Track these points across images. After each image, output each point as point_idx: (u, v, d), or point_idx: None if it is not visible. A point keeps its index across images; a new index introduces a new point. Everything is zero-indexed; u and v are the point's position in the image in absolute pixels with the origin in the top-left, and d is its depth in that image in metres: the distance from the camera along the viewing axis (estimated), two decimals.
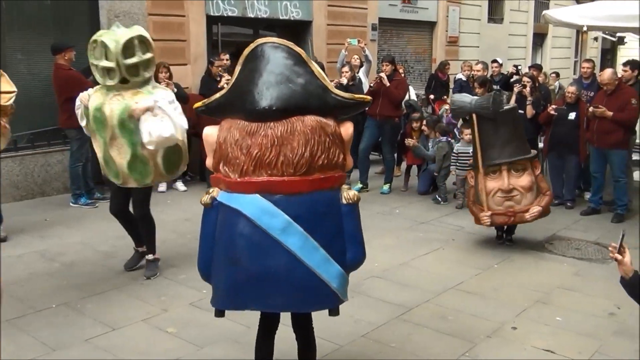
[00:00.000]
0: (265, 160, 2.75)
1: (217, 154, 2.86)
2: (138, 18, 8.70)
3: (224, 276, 2.86)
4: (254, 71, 2.84)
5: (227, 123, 2.87)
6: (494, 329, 4.29)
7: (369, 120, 8.43)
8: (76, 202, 7.43)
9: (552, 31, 19.20)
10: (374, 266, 5.45)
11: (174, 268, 5.35)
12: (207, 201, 2.90)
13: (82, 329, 4.18)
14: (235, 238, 2.80)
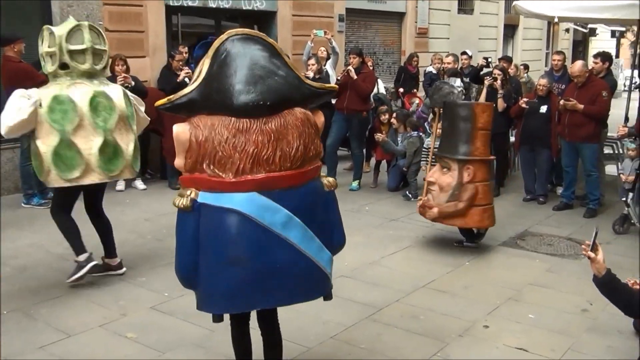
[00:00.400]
0: (263, 156, 2.77)
1: (196, 154, 2.80)
2: (92, 7, 8.58)
3: (222, 279, 2.83)
4: (230, 65, 2.81)
5: (205, 120, 2.79)
6: (465, 327, 4.35)
7: (337, 114, 8.45)
8: (28, 203, 7.30)
9: (523, 22, 19.50)
10: (343, 265, 5.46)
11: (133, 270, 5.30)
12: (187, 204, 2.83)
13: (36, 335, 4.11)
14: (236, 238, 2.80)
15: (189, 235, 2.89)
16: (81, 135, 4.59)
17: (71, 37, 4.61)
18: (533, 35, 20.72)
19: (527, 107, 7.68)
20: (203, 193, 2.85)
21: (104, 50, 4.82)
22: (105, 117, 4.67)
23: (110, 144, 4.70)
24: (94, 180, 4.72)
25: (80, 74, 4.68)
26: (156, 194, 8.06)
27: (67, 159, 4.57)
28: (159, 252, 5.79)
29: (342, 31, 12.78)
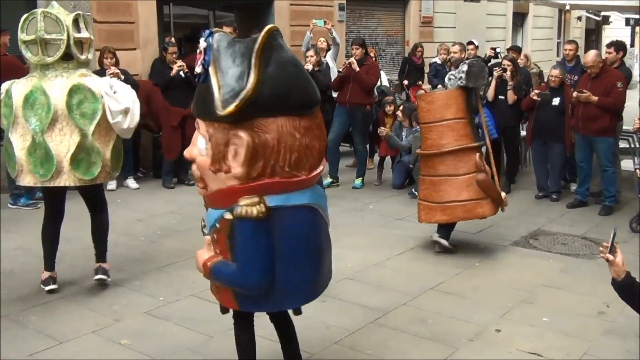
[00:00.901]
0: (322, 150, 3.04)
1: (266, 159, 2.83)
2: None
3: (305, 273, 3.06)
4: (284, 64, 2.86)
5: (269, 123, 2.81)
6: (476, 332, 4.35)
7: (339, 108, 8.46)
8: (15, 203, 7.31)
9: (533, 10, 19.50)
10: (346, 267, 5.48)
11: (127, 273, 5.31)
12: (264, 210, 2.85)
13: (25, 343, 4.11)
14: (313, 231, 3.07)
15: (267, 243, 2.91)
16: (55, 133, 4.52)
17: (26, 27, 4.51)
18: (543, 24, 20.71)
19: (538, 100, 7.68)
20: (270, 197, 2.88)
21: (59, 39, 4.55)
22: (40, 117, 4.48)
23: (41, 146, 4.51)
24: (68, 182, 4.63)
25: (34, 67, 4.58)
26: (149, 194, 8.06)
27: (38, 159, 4.54)
28: (153, 254, 5.80)
29: (343, 21, 12.78)
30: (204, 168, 2.93)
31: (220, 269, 3.00)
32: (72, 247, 5.94)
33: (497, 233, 6.55)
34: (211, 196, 3.01)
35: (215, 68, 2.83)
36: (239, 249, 2.91)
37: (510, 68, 8.05)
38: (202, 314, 4.53)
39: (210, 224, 3.04)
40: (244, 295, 3.05)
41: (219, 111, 2.76)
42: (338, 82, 8.37)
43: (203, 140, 2.92)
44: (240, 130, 2.79)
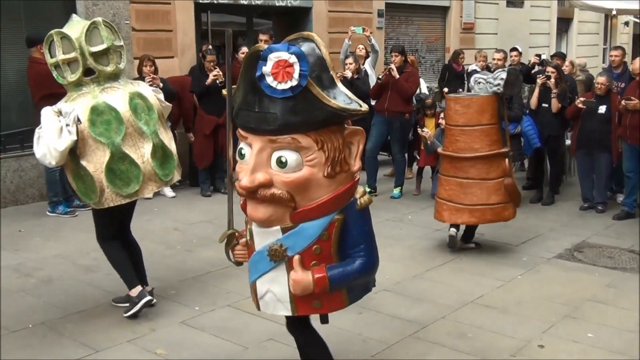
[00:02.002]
0: None
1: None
2: (119, 6, 8.74)
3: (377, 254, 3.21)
4: None
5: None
6: (518, 347, 4.29)
7: (377, 116, 8.45)
8: (53, 211, 7.46)
9: (578, 15, 19.23)
10: (384, 279, 5.45)
11: (163, 283, 5.36)
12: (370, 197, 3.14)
13: (62, 350, 4.18)
14: None
15: None
16: (129, 144, 4.42)
17: (90, 38, 4.40)
18: (589, 30, 20.40)
19: (584, 108, 7.56)
20: None
21: (121, 46, 4.63)
22: (146, 119, 4.52)
23: (158, 147, 4.56)
24: (152, 190, 4.59)
25: (107, 77, 4.50)
26: (186, 202, 8.15)
27: (122, 173, 4.38)
28: (188, 263, 5.85)
29: (382, 27, 12.78)
30: (309, 181, 2.90)
31: (341, 272, 3.01)
32: None
33: (540, 245, 6.45)
34: (318, 207, 2.95)
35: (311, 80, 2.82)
36: (364, 237, 3.07)
37: (554, 75, 7.93)
38: (238, 325, 4.55)
39: (310, 238, 2.97)
40: (355, 287, 3.18)
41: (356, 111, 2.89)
42: (377, 90, 8.36)
43: (294, 154, 2.86)
44: (354, 127, 3.01)
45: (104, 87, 4.48)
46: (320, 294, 3.02)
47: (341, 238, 3.00)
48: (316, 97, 2.79)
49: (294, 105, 2.82)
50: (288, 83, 2.78)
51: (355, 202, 3.03)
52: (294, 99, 2.80)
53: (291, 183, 2.88)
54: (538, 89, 8.04)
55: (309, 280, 2.95)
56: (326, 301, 3.09)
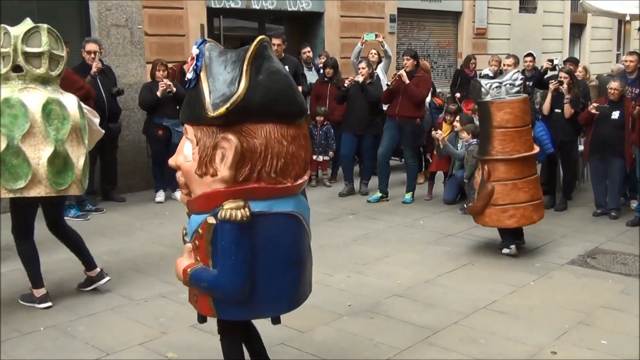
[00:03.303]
0: (308, 159, 3.14)
1: (253, 163, 2.92)
2: (132, 11, 8.79)
3: (286, 282, 3.11)
4: (274, 72, 2.97)
5: (257, 128, 2.92)
6: (531, 353, 4.26)
7: (388, 121, 8.43)
8: (66, 214, 7.45)
9: (592, 21, 19.14)
10: (395, 284, 5.45)
11: (174, 287, 5.35)
12: (248, 214, 2.89)
13: (73, 353, 4.19)
14: (296, 240, 3.13)
15: (248, 248, 2.95)
16: (30, 143, 4.53)
17: (28, 39, 4.60)
18: (602, 35, 20.31)
19: (597, 113, 7.52)
20: (254, 202, 2.94)
21: (61, 56, 4.78)
22: (57, 127, 4.62)
23: (60, 155, 4.63)
24: (39, 193, 4.62)
25: (34, 79, 4.64)
26: None
27: (12, 168, 4.50)
28: None
29: (394, 32, 12.78)
30: (189, 173, 3.02)
31: (199, 275, 3.04)
32: (119, 259, 6.06)
33: (553, 251, 6.41)
34: (195, 201, 3.07)
35: (206, 74, 2.94)
36: (220, 253, 2.96)
37: (567, 81, 7.89)
38: None
39: (192, 230, 3.09)
40: (223, 302, 3.09)
41: (210, 113, 2.86)
42: (387, 95, 8.35)
43: (189, 146, 3.02)
44: (230, 133, 2.89)
45: (27, 86, 4.63)
46: (197, 291, 3.14)
47: (214, 244, 2.97)
48: (201, 92, 2.90)
49: (190, 97, 3.01)
50: (189, 75, 2.99)
51: (219, 211, 2.91)
52: (192, 91, 2.97)
53: (182, 171, 3.09)
54: (550, 95, 8.01)
55: (180, 267, 3.11)
56: (200, 300, 3.17)
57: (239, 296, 3.02)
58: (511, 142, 5.93)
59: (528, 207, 6.02)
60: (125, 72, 8.76)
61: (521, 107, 5.99)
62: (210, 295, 3.08)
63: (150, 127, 8.23)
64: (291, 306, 3.23)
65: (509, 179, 5.97)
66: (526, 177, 6.03)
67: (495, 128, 5.94)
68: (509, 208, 5.97)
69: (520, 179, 5.99)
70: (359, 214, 7.86)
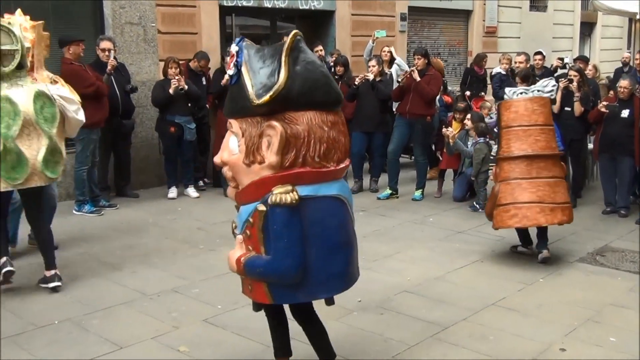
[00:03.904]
0: (347, 146, 3.21)
1: (297, 149, 3.02)
2: (145, 9, 8.81)
3: (336, 263, 3.18)
4: (311, 63, 3.08)
5: (299, 116, 3.02)
6: (540, 350, 4.24)
7: (399, 119, 8.42)
8: (80, 210, 7.52)
9: (602, 20, 19.03)
10: (405, 280, 5.44)
11: (186, 281, 5.39)
12: (297, 197, 2.99)
13: (87, 347, 4.21)
14: (343, 222, 3.20)
15: (299, 230, 3.03)
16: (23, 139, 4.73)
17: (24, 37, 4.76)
18: (612, 34, 20.18)
19: (606, 112, 7.48)
20: (301, 187, 3.03)
21: (15, 50, 4.79)
22: (8, 124, 4.68)
23: (12, 152, 4.72)
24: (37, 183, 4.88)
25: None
26: (209, 202, 8.18)
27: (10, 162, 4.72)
28: (212, 262, 5.87)
29: (404, 31, 12.75)
30: (237, 164, 3.12)
31: (254, 262, 3.11)
32: (132, 254, 6.08)
33: (562, 249, 6.39)
34: (244, 191, 3.15)
35: (247, 69, 3.05)
36: (273, 237, 3.03)
37: (577, 79, 7.85)
38: (259, 324, 4.52)
39: (243, 220, 3.16)
40: (278, 287, 3.15)
41: (255, 101, 2.96)
42: (398, 92, 8.32)
43: (234, 140, 3.12)
44: (274, 120, 2.98)
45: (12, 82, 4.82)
46: (252, 280, 3.21)
47: (266, 230, 3.05)
48: (244, 85, 3.00)
49: (233, 92, 3.13)
50: (230, 72, 3.10)
51: (269, 197, 3.00)
52: (235, 86, 3.09)
53: (229, 165, 3.18)
54: (560, 93, 7.96)
55: (233, 259, 3.19)
56: (255, 288, 3.23)
57: (293, 277, 3.09)
58: (516, 140, 5.80)
59: (533, 208, 5.70)
60: (139, 69, 8.79)
61: (527, 105, 5.84)
62: (266, 281, 3.15)
63: (162, 124, 8.25)
64: (343, 286, 3.30)
65: (511, 178, 5.82)
66: (535, 179, 5.74)
67: (503, 128, 5.95)
68: (510, 208, 5.78)
69: (526, 179, 5.76)
70: (369, 210, 7.86)
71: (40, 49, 5.13)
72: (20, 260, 5.78)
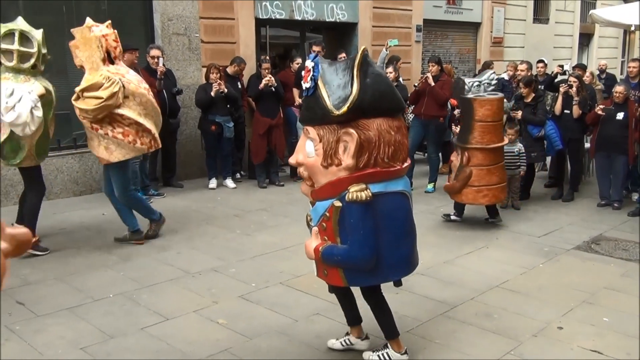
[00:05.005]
0: (408, 146, 3.30)
1: (369, 152, 3.08)
2: (190, 21, 8.84)
3: (402, 249, 3.28)
4: (379, 75, 3.14)
5: (370, 123, 3.07)
6: (539, 328, 4.20)
7: (414, 120, 8.39)
8: None
9: (599, 31, 18.70)
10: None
11: (224, 262, 5.42)
12: (370, 194, 3.06)
13: (137, 318, 4.27)
14: (408, 214, 3.31)
15: (373, 222, 3.11)
16: None
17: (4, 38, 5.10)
18: (609, 44, 19.82)
19: (603, 114, 7.35)
20: (373, 185, 3.10)
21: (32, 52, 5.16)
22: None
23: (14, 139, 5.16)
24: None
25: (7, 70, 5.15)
26: (245, 193, 8.22)
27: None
28: (247, 246, 5.90)
29: (420, 41, 12.65)
30: (314, 166, 3.17)
31: (331, 251, 3.18)
32: (178, 238, 6.14)
33: (560, 237, 6.31)
34: (321, 189, 3.20)
35: (322, 82, 3.10)
36: (350, 229, 3.11)
37: (576, 84, 7.73)
38: (289, 300, 4.57)
39: (319, 214, 3.22)
40: (353, 272, 3.24)
41: (335, 112, 3.02)
42: (414, 96, 8.27)
43: (311, 144, 3.17)
44: (350, 128, 3.05)
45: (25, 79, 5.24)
46: (326, 266, 3.26)
47: (341, 223, 3.13)
48: (321, 97, 3.06)
49: (309, 102, 3.17)
50: (306, 84, 3.15)
51: (346, 194, 3.08)
52: (311, 97, 3.13)
53: (306, 166, 3.23)
54: (561, 97, 7.84)
55: (311, 247, 3.24)
56: (330, 273, 3.30)
57: (369, 264, 3.17)
58: (489, 134, 6.23)
59: (498, 188, 6.39)
60: (184, 74, 8.84)
61: (499, 105, 6.32)
62: (342, 267, 3.23)
63: (204, 123, 8.29)
64: (410, 269, 3.40)
65: (484, 164, 6.29)
66: (497, 164, 6.37)
67: (477, 121, 6.22)
68: (483, 189, 6.32)
69: (493, 165, 6.32)
70: None
71: (90, 50, 5.29)
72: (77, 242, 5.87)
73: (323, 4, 10.62)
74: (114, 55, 5.41)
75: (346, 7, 10.99)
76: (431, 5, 12.80)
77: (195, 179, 8.83)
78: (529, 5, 15.69)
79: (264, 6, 9.76)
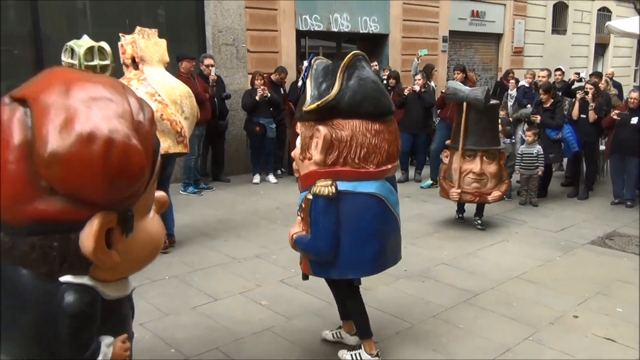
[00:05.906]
0: (391, 152, 3.05)
1: (339, 150, 2.94)
2: (238, 33, 8.90)
3: (368, 249, 3.05)
4: (363, 79, 2.96)
5: (345, 123, 2.93)
6: (556, 316, 4.10)
7: (440, 122, 8.32)
8: (185, 190, 7.69)
9: (614, 42, 18.19)
10: (443, 254, 5.35)
11: (267, 250, 5.45)
12: (334, 191, 2.93)
13: (189, 298, 4.31)
14: (377, 215, 3.05)
15: (334, 218, 2.96)
16: None
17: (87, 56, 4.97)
18: (623, 53, 19.26)
19: (618, 119, 7.14)
20: (343, 182, 2.95)
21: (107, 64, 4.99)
22: None
23: None
24: None
25: None
26: (285, 187, 8.24)
27: None
28: (287, 235, 5.87)
29: (445, 51, 12.49)
30: (296, 159, 3.14)
31: (300, 239, 3.11)
32: (225, 227, 6.18)
33: (576, 233, 6.15)
34: (300, 181, 3.15)
35: (311, 81, 3.03)
36: (312, 221, 3.00)
37: (592, 91, 7.52)
38: (324, 285, 4.53)
39: (299, 205, 3.15)
40: (315, 263, 3.14)
41: (304, 108, 2.97)
42: (441, 101, 8.18)
43: (299, 138, 3.12)
44: (321, 125, 2.94)
45: None
46: (302, 255, 3.21)
47: (311, 215, 3.01)
48: (305, 95, 2.98)
49: (300, 100, 3.07)
50: (299, 83, 3.08)
51: (312, 187, 2.96)
52: (302, 95, 3.06)
53: (294, 158, 3.19)
54: (578, 103, 7.65)
55: (290, 234, 3.19)
56: (303, 262, 3.25)
57: (324, 257, 3.05)
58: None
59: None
60: (232, 81, 8.90)
61: None
62: (307, 257, 3.16)
63: (249, 124, 8.34)
64: (373, 271, 3.17)
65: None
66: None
67: None
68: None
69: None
70: (413, 197, 7.75)
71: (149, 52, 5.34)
72: None
73: (357, 17, 10.57)
74: (137, 60, 5.28)
75: (378, 19, 10.92)
76: (457, 18, 12.62)
77: (241, 175, 8.88)
78: (548, 17, 15.35)
79: (304, 19, 9.76)
